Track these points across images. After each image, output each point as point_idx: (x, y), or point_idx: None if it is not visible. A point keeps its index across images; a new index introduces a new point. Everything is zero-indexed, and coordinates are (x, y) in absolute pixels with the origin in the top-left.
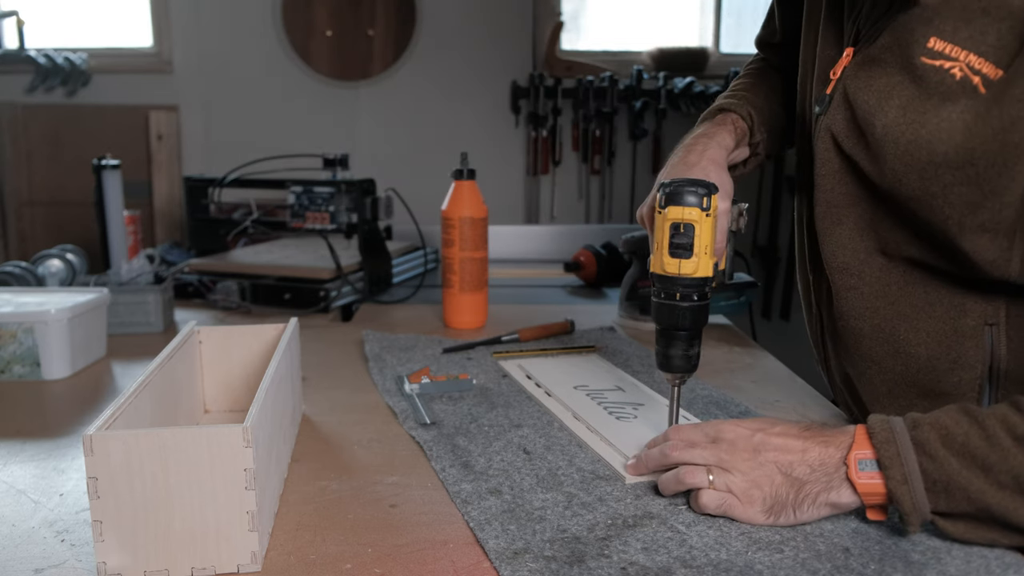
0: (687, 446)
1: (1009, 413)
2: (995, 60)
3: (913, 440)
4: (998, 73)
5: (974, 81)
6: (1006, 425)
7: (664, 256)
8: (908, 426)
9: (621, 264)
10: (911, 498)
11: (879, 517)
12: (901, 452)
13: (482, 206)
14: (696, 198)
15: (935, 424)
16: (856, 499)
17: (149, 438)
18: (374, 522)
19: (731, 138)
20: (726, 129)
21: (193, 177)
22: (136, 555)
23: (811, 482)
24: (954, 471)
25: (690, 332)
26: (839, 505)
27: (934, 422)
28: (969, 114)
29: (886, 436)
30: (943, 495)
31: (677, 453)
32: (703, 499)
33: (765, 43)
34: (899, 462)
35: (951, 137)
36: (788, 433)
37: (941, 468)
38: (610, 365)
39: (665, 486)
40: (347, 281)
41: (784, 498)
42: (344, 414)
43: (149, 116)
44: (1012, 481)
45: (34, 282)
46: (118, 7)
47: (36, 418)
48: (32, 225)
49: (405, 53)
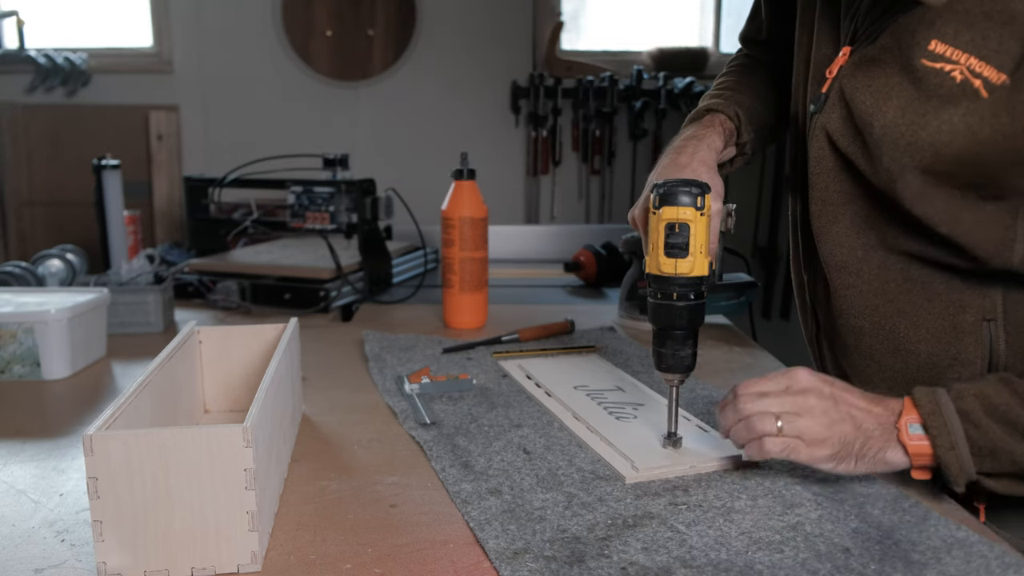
0: (758, 396)
1: None
2: (997, 64)
3: (958, 410)
4: (1001, 78)
5: (975, 84)
6: None
7: (660, 256)
8: (952, 397)
9: (621, 264)
10: (958, 463)
11: (924, 476)
12: (948, 422)
13: (482, 206)
14: (690, 198)
15: (979, 395)
16: (906, 460)
17: (149, 438)
18: (374, 522)
19: (720, 139)
20: (715, 131)
21: (193, 177)
22: (136, 555)
23: (874, 437)
24: (998, 438)
25: (687, 331)
26: (892, 463)
27: (978, 393)
28: (972, 118)
29: (932, 408)
30: (988, 458)
31: (750, 406)
32: (767, 446)
33: (750, 39)
34: (946, 431)
35: (953, 140)
36: (853, 391)
37: (985, 435)
38: (610, 365)
39: (737, 436)
40: (347, 281)
41: (851, 447)
42: (344, 414)
43: (149, 116)
44: None
45: (34, 282)
46: (118, 7)
47: (36, 418)
48: (32, 225)
49: (405, 53)
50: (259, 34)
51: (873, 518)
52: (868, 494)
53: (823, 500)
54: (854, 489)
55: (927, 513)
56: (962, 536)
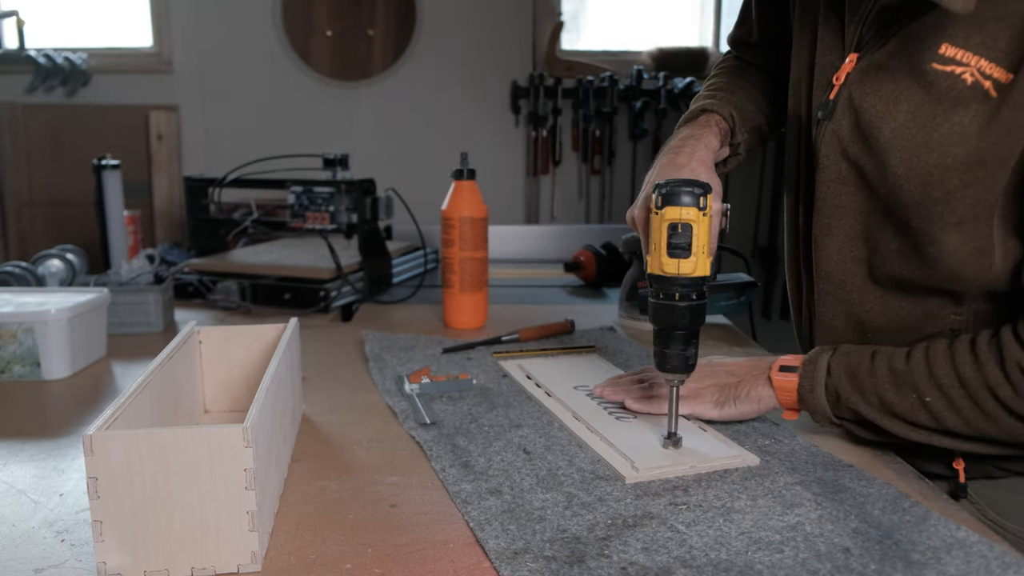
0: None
1: (899, 352)
2: (1006, 65)
3: (828, 363)
4: (1008, 77)
5: (985, 86)
6: (889, 360)
7: (662, 257)
8: (829, 353)
9: (621, 264)
10: (815, 402)
11: (792, 417)
12: (817, 370)
13: (482, 206)
14: (692, 198)
15: (847, 352)
16: (773, 394)
17: (149, 438)
18: (374, 522)
19: (716, 139)
20: (711, 130)
21: (193, 177)
22: (136, 555)
23: (747, 380)
24: (842, 388)
25: (689, 332)
26: (762, 399)
27: (848, 351)
28: (982, 118)
29: (812, 357)
30: (835, 404)
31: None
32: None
33: (740, 42)
34: (811, 376)
35: (965, 140)
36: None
37: (834, 385)
38: (610, 365)
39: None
40: (347, 281)
41: (729, 391)
42: (344, 414)
43: (149, 116)
44: (877, 401)
45: (34, 282)
46: (118, 7)
47: (36, 418)
48: (32, 225)
49: (405, 53)
50: (259, 34)
51: (873, 518)
52: (868, 494)
53: (823, 500)
54: (854, 489)
55: (927, 513)
56: (962, 536)
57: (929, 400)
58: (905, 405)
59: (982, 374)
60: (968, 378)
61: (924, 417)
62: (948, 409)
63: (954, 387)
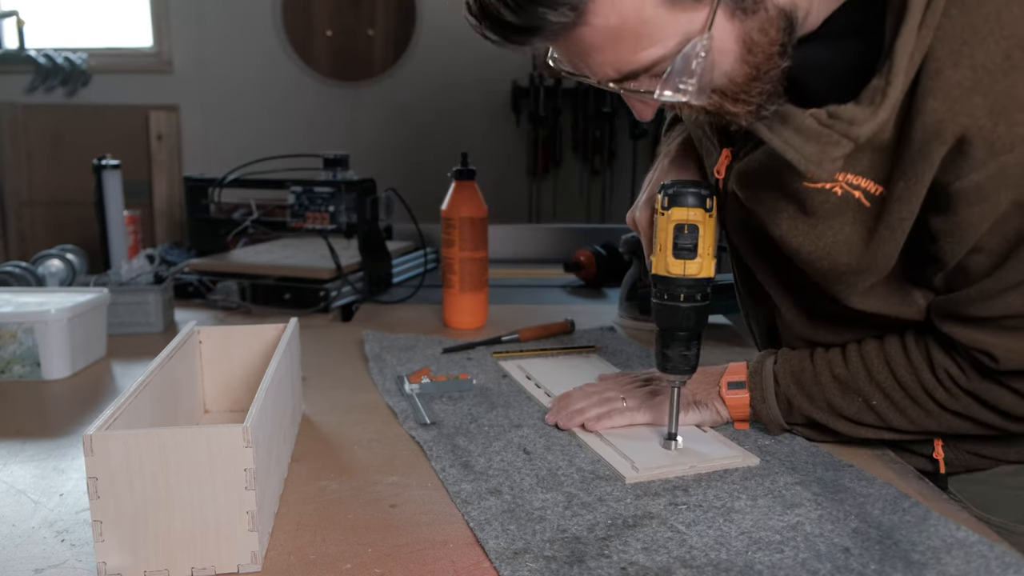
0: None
1: (836, 357)
2: (873, 178)
3: (773, 371)
4: (879, 189)
5: (856, 195)
6: (829, 367)
7: (668, 258)
8: (772, 360)
9: (621, 264)
10: (767, 412)
11: (743, 427)
12: (764, 379)
13: (482, 206)
14: (698, 199)
15: (788, 359)
16: (726, 409)
17: (149, 438)
18: (374, 522)
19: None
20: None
21: (193, 177)
22: (136, 555)
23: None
24: (793, 396)
25: (692, 333)
26: (719, 410)
27: (788, 356)
28: (861, 228)
29: (755, 368)
30: (787, 411)
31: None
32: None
33: None
34: (760, 387)
35: (850, 250)
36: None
37: (785, 394)
38: (610, 365)
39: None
40: (347, 281)
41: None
42: (344, 414)
43: (149, 116)
44: (826, 406)
45: (34, 282)
46: (118, 7)
47: (36, 418)
48: (32, 225)
49: (405, 53)
50: (259, 34)
51: (873, 518)
52: (868, 494)
53: (823, 500)
54: (854, 489)
55: (927, 513)
56: (962, 536)
57: (875, 403)
58: (853, 408)
59: (918, 377)
60: (906, 382)
61: (871, 418)
62: (892, 410)
63: (895, 390)
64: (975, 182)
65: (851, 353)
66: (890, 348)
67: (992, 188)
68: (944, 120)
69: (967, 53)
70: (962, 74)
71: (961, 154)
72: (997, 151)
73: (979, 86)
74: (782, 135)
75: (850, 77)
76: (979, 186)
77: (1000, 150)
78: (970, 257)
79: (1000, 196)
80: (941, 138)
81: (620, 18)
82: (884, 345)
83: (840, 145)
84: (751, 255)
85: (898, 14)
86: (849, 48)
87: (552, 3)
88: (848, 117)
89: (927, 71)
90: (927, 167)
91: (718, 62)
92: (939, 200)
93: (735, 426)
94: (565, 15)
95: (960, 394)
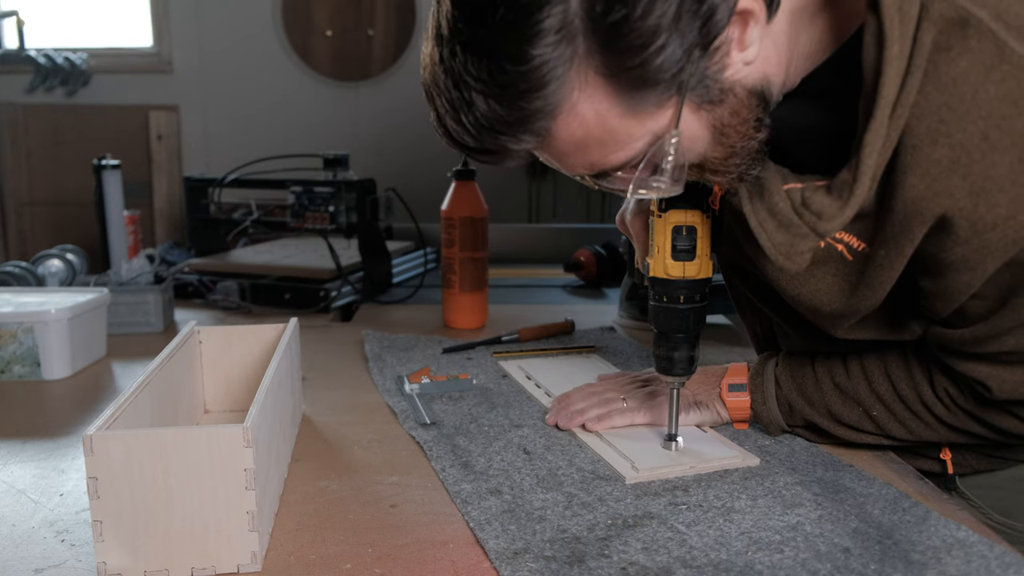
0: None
1: (838, 366)
2: (856, 234)
3: (775, 375)
4: (862, 245)
5: (838, 248)
6: (831, 374)
7: (667, 260)
8: (774, 363)
9: (621, 264)
10: (768, 415)
11: (743, 427)
12: (765, 383)
13: (482, 206)
14: (695, 201)
15: (789, 363)
16: (726, 410)
17: (149, 438)
18: (374, 522)
19: None
20: None
21: (193, 177)
22: (136, 555)
23: (700, 392)
24: (794, 400)
25: (691, 334)
26: (720, 412)
27: (790, 362)
28: (843, 279)
29: (756, 370)
30: (788, 415)
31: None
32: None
33: None
34: (761, 390)
35: (832, 300)
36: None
37: (786, 398)
38: (610, 365)
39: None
40: (347, 281)
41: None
42: (344, 414)
43: (149, 116)
44: (826, 412)
45: (34, 282)
46: (118, 7)
47: (36, 418)
48: (32, 225)
49: (405, 53)
50: (259, 34)
51: (873, 518)
52: (868, 494)
53: (823, 500)
54: (854, 489)
55: (927, 513)
56: (962, 536)
57: (875, 414)
58: (853, 416)
59: (918, 392)
60: (906, 395)
61: (870, 426)
62: (892, 420)
63: (895, 402)
64: (960, 255)
65: (852, 363)
66: (891, 361)
67: (978, 260)
68: (924, 199)
69: (944, 131)
70: (940, 152)
71: (944, 231)
72: (980, 230)
73: (958, 166)
74: (759, 214)
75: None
76: (964, 258)
77: (983, 229)
78: (967, 302)
79: (987, 264)
80: (922, 216)
81: (585, 131)
82: (886, 357)
83: (808, 239)
84: (744, 283)
85: (869, 102)
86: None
87: (515, 135)
88: (817, 209)
89: (905, 146)
90: (908, 241)
91: (691, 149)
92: (926, 264)
93: (735, 426)
94: (528, 142)
95: (959, 412)
